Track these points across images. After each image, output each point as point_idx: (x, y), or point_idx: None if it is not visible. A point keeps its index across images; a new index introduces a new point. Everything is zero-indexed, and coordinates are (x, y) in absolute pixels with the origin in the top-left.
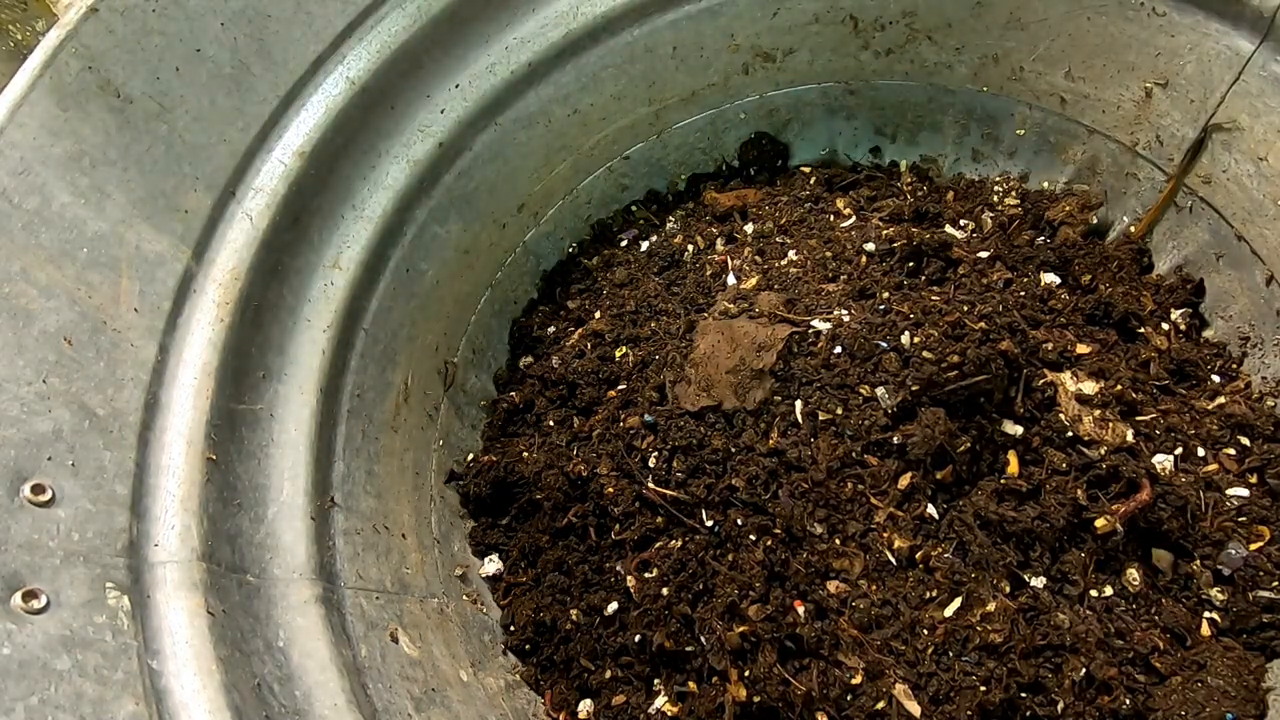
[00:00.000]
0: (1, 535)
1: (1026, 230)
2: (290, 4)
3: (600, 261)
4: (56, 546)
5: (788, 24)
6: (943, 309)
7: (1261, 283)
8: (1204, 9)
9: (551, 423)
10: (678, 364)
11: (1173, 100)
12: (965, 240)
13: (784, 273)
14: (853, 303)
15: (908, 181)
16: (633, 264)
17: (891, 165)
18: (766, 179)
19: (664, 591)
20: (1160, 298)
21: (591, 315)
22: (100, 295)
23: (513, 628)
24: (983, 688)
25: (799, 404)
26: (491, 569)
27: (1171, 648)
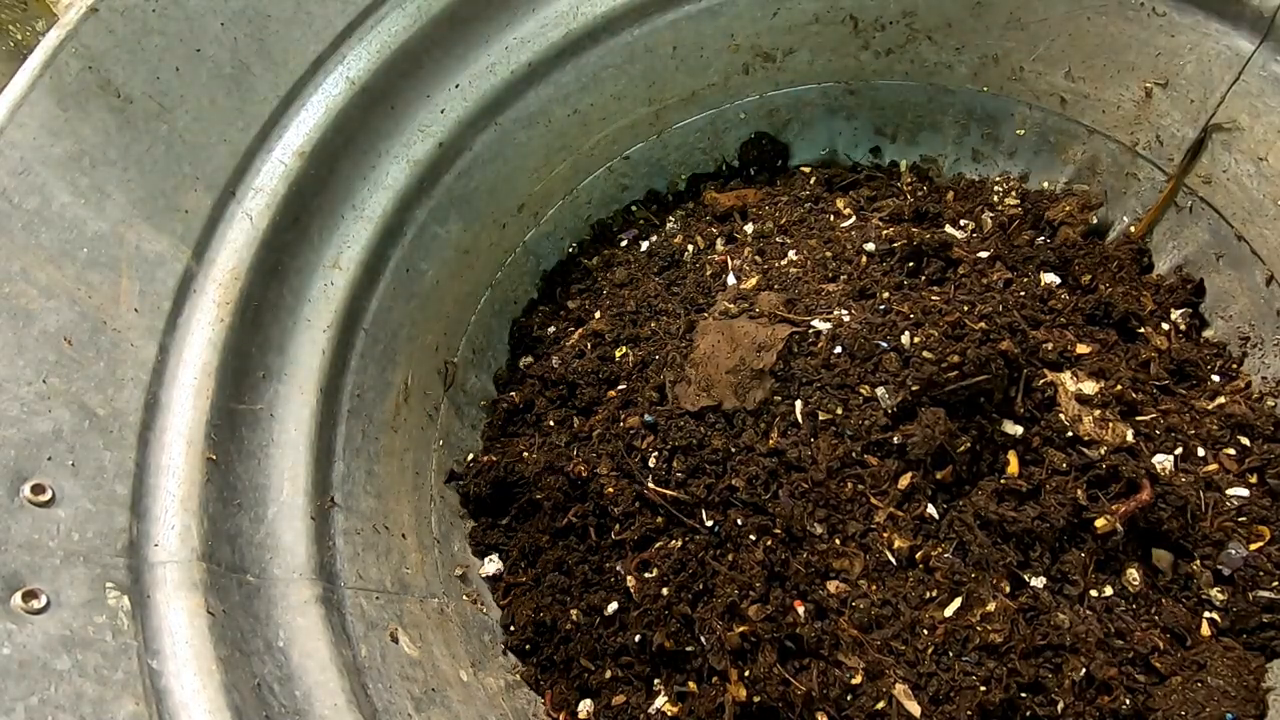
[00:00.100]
0: (1, 535)
1: (1026, 230)
2: (290, 4)
3: (600, 261)
4: (56, 546)
5: (788, 24)
6: (943, 309)
7: (1261, 283)
8: (1204, 9)
9: (551, 423)
10: (678, 364)
11: (1173, 100)
12: (965, 240)
13: (784, 273)
14: (853, 303)
15: (908, 181)
16: (633, 264)
17: (891, 165)
18: (766, 179)
19: (664, 591)
20: (1160, 298)
21: (591, 315)
22: (100, 295)
23: (513, 628)
24: (983, 688)
25: (799, 404)
26: (491, 569)
27: (1171, 648)
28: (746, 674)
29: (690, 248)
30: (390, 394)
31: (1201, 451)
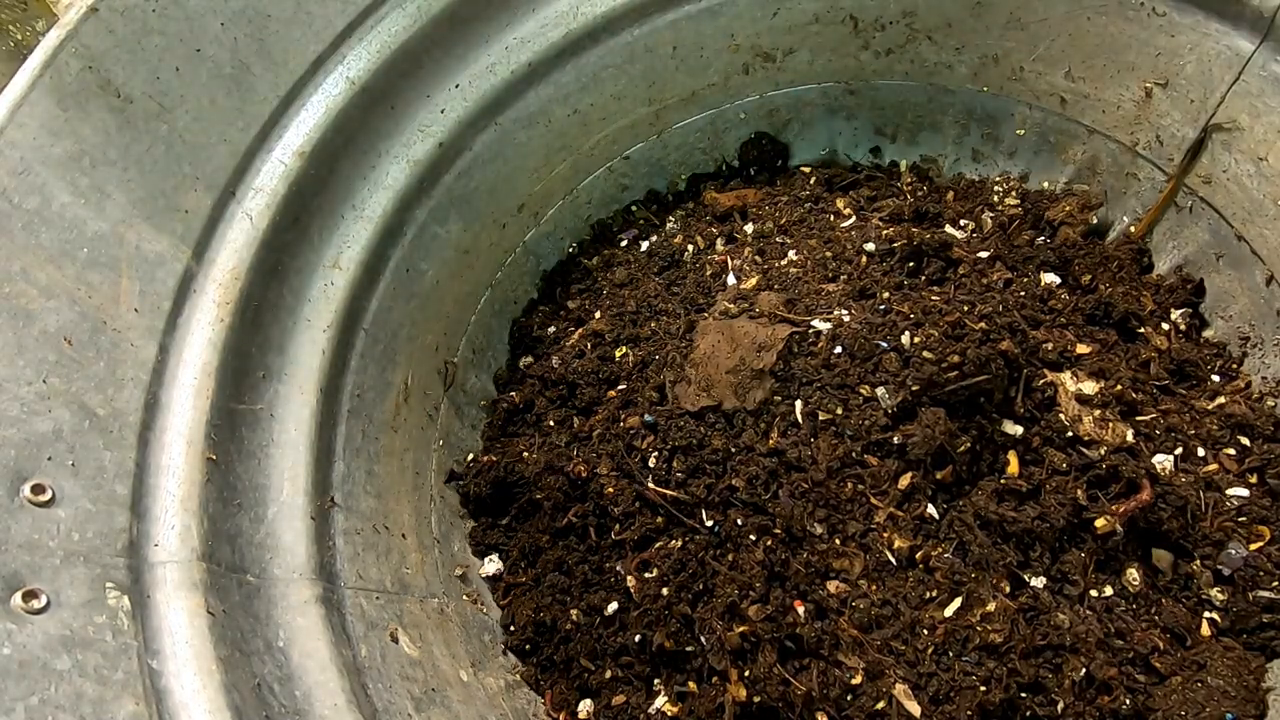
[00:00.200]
0: (1, 535)
1: (1026, 230)
2: (290, 4)
3: (600, 261)
4: (56, 546)
5: (788, 24)
6: (943, 309)
7: (1261, 283)
8: (1204, 9)
9: (551, 423)
10: (678, 364)
11: (1173, 100)
12: (965, 240)
13: (784, 273)
14: (853, 303)
15: (908, 181)
16: (633, 264)
17: (891, 165)
18: (766, 179)
19: (664, 591)
20: (1160, 298)
21: (591, 315)
22: (100, 295)
23: (513, 628)
24: (983, 688)
25: (799, 404)
26: (491, 569)
27: (1171, 648)
28: (746, 674)
29: (690, 248)
30: (390, 394)
31: (1201, 451)
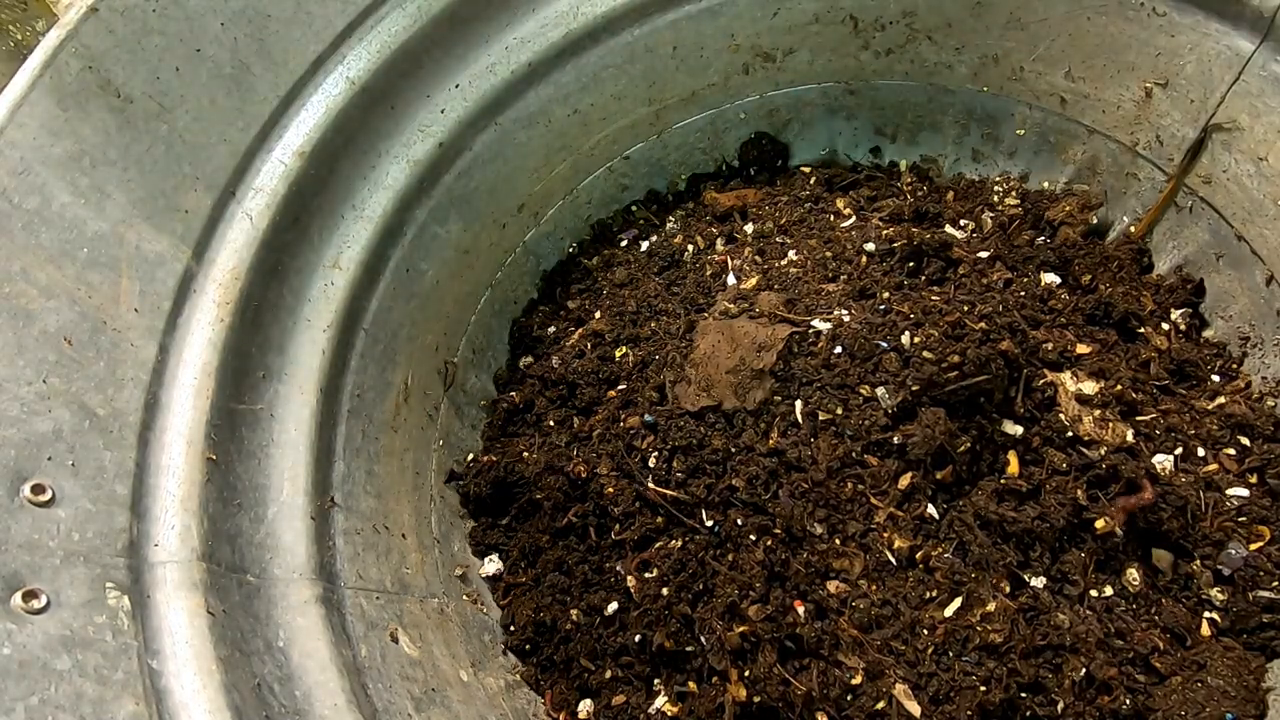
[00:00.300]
0: (1, 535)
1: (1026, 230)
2: (290, 4)
3: (600, 261)
4: (56, 546)
5: (788, 24)
6: (943, 309)
7: (1261, 283)
8: (1204, 9)
9: (551, 423)
10: (678, 364)
11: (1173, 100)
12: (965, 240)
13: (784, 273)
14: (853, 303)
15: (908, 181)
16: (633, 264)
17: (891, 165)
18: (766, 179)
19: (664, 591)
20: (1160, 298)
21: (591, 315)
22: (100, 295)
23: (513, 628)
24: (983, 688)
25: (799, 404)
26: (491, 569)
27: (1171, 648)
28: (746, 674)
29: (690, 248)
30: (390, 394)
31: (1201, 451)
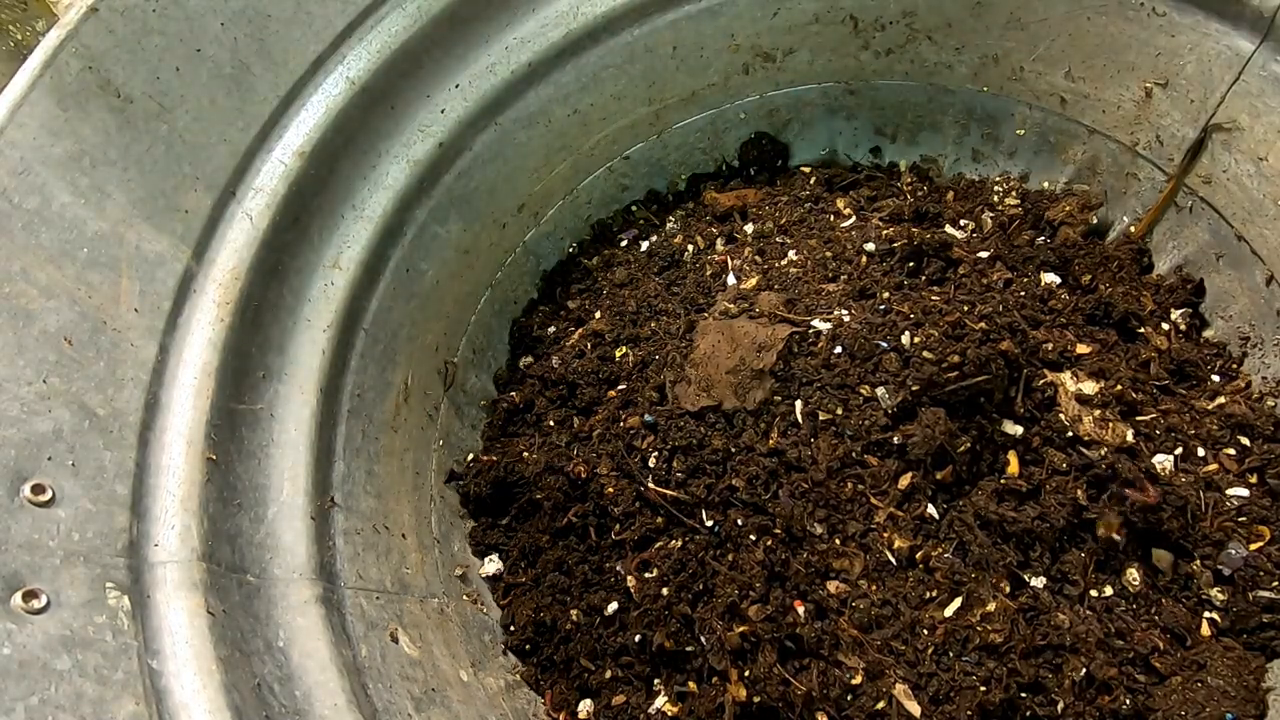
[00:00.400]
0: (1, 535)
1: (1026, 230)
2: (290, 4)
3: (600, 261)
4: (56, 546)
5: (788, 24)
6: (943, 309)
7: (1261, 283)
8: (1204, 9)
9: (551, 423)
10: (678, 364)
11: (1173, 100)
12: (965, 240)
13: (784, 273)
14: (853, 303)
15: (908, 181)
16: (633, 264)
17: (891, 165)
18: (766, 179)
19: (664, 591)
20: (1160, 298)
21: (591, 315)
22: (100, 295)
23: (513, 628)
24: (983, 688)
25: (799, 404)
26: (491, 569)
27: (1171, 648)
28: (746, 674)
29: (690, 248)
30: (390, 394)
31: (1201, 451)
